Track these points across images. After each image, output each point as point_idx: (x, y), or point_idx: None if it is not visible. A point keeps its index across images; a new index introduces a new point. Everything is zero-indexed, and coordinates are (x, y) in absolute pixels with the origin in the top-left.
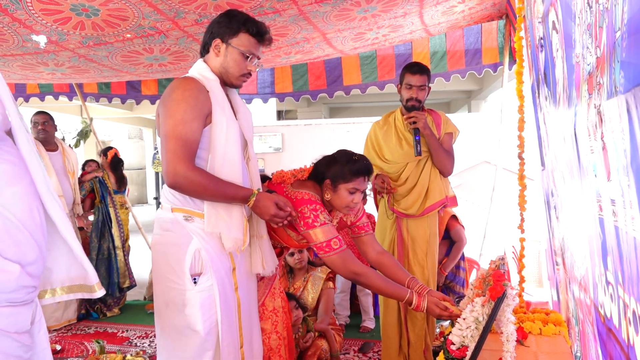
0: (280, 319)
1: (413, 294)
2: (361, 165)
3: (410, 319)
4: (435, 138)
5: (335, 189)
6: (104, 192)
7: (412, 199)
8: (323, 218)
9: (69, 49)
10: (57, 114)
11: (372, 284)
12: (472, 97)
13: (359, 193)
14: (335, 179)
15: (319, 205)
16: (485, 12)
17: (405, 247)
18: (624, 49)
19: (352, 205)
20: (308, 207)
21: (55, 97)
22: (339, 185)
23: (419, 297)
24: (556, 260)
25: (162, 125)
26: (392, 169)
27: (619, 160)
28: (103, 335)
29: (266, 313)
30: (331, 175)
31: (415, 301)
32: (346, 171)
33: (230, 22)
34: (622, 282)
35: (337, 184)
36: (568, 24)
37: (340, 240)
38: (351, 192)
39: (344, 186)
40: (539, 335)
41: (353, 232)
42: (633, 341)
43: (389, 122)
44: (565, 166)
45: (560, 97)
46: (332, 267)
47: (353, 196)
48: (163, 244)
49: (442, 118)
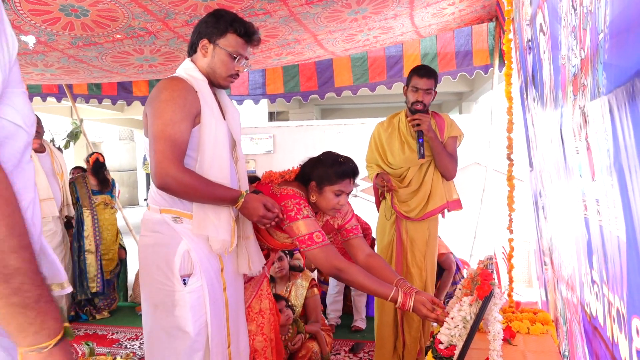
0: (266, 321)
1: (398, 291)
2: (347, 168)
3: (406, 321)
4: (438, 141)
5: (320, 191)
6: (78, 194)
7: (414, 203)
8: (306, 212)
9: (58, 50)
10: (47, 115)
11: (354, 280)
12: (463, 99)
13: (344, 195)
14: (320, 181)
15: (303, 200)
16: (475, 15)
17: (404, 249)
18: (606, 51)
19: (337, 207)
20: (292, 201)
21: (43, 98)
22: (325, 188)
23: (405, 295)
24: (544, 261)
25: (151, 126)
26: (395, 172)
27: (602, 161)
28: (93, 338)
29: (252, 315)
30: (317, 177)
31: (400, 299)
32: (332, 173)
33: (217, 22)
34: (606, 280)
35: (322, 186)
36: (554, 26)
37: (322, 235)
38: (337, 195)
39: (329, 188)
40: (526, 334)
41: (342, 236)
42: (617, 339)
43: (393, 124)
44: (552, 167)
45: (547, 98)
46: (315, 262)
47: (339, 198)
48: (151, 245)
49: (447, 121)
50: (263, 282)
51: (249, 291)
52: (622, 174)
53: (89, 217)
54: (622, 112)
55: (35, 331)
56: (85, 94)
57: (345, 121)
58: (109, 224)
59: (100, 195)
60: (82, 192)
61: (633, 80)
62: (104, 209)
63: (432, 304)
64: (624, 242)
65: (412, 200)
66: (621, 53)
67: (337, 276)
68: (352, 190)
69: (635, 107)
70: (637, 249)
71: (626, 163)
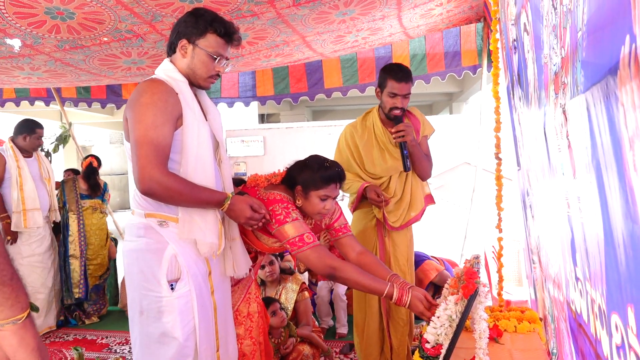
0: (255, 324)
1: (394, 287)
2: (333, 173)
3: (392, 324)
4: (418, 147)
5: (306, 195)
6: (66, 198)
7: (399, 212)
8: (294, 215)
9: (45, 53)
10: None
11: (349, 277)
12: (454, 99)
13: (330, 200)
14: (306, 186)
15: (291, 204)
16: (463, 15)
17: (387, 254)
18: (584, 49)
19: (323, 212)
20: (279, 205)
21: (31, 102)
22: (310, 192)
23: (401, 290)
24: (533, 259)
25: (132, 131)
26: (376, 182)
27: (582, 158)
28: (82, 343)
29: (239, 318)
30: (302, 181)
31: (396, 294)
32: (317, 178)
33: (196, 21)
34: (589, 277)
35: (308, 190)
36: (537, 25)
37: (313, 235)
38: (322, 199)
39: (315, 193)
40: (514, 332)
41: (331, 235)
42: (599, 335)
43: (367, 128)
44: (538, 165)
45: (532, 97)
46: (307, 264)
47: (324, 203)
48: (137, 251)
49: (420, 120)
50: (251, 286)
51: (236, 294)
52: (600, 171)
53: (74, 222)
54: (597, 110)
55: (11, 305)
56: (74, 98)
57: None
58: (97, 228)
59: (89, 200)
60: (70, 196)
61: (607, 77)
62: (92, 213)
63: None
64: (602, 239)
65: (396, 210)
66: (597, 50)
67: (332, 275)
68: (338, 194)
69: (609, 104)
70: (614, 246)
71: (603, 160)
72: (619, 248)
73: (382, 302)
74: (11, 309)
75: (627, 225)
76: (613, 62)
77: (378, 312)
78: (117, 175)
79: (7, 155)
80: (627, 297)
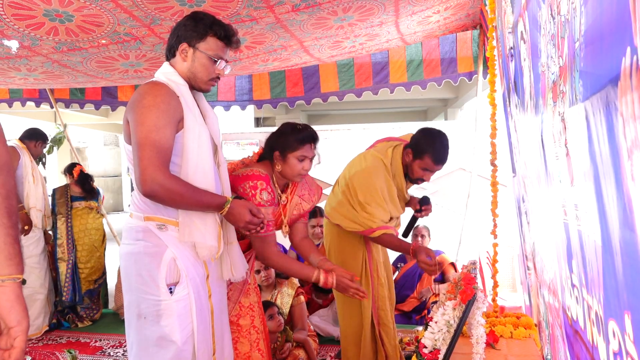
0: (257, 314)
1: (320, 271)
2: (306, 134)
3: (383, 331)
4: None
5: (284, 159)
6: (55, 202)
7: None
8: (259, 199)
9: (42, 54)
10: (29, 120)
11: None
12: (449, 105)
13: (307, 160)
14: (283, 150)
15: (263, 182)
16: (459, 22)
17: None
18: (582, 59)
19: (302, 172)
20: (249, 183)
21: (23, 103)
22: (288, 155)
23: (326, 273)
24: (528, 265)
25: (135, 133)
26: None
27: (580, 166)
28: (75, 345)
29: (243, 310)
30: (279, 146)
31: (322, 278)
32: (292, 140)
33: (196, 25)
34: (585, 284)
35: (285, 153)
36: (534, 34)
37: (268, 225)
38: (300, 160)
39: (292, 155)
40: (510, 338)
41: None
42: (596, 342)
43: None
44: (533, 172)
45: (528, 105)
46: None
47: (302, 164)
48: (134, 254)
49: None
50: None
51: (237, 289)
52: (598, 179)
53: (63, 225)
54: (597, 119)
55: (17, 263)
56: (67, 99)
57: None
58: (93, 228)
59: (84, 201)
60: (61, 201)
61: (607, 87)
62: (88, 213)
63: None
64: (600, 246)
65: None
66: (595, 61)
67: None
68: (314, 155)
69: (609, 114)
70: (612, 253)
71: (601, 169)
72: (616, 255)
73: (374, 311)
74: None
75: (625, 233)
76: (614, 73)
77: (370, 322)
78: (111, 177)
79: (23, 153)
80: (624, 304)
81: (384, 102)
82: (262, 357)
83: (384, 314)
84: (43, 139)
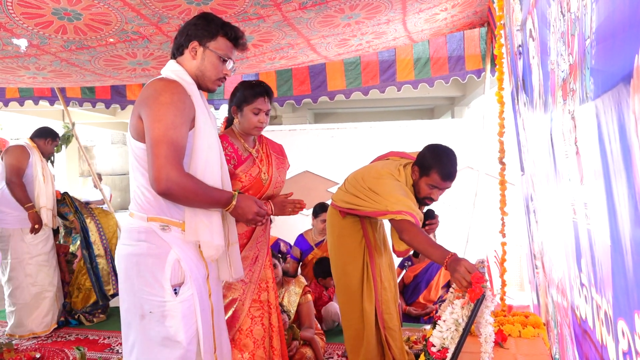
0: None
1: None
2: (260, 88)
3: (389, 335)
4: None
5: (241, 112)
6: (76, 204)
7: None
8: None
9: (51, 53)
10: (38, 118)
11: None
12: (456, 104)
13: (262, 113)
14: (239, 104)
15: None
16: (467, 20)
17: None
18: (593, 57)
19: (259, 125)
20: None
21: (35, 101)
22: (244, 108)
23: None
24: (536, 264)
25: (150, 130)
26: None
27: (590, 165)
28: (84, 342)
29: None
30: (236, 102)
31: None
32: (247, 94)
33: (208, 25)
34: (594, 283)
35: (242, 107)
36: (543, 31)
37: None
38: (255, 113)
39: (247, 108)
40: (518, 337)
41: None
42: (605, 341)
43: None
44: (542, 171)
45: (537, 103)
46: None
47: (258, 116)
48: (137, 255)
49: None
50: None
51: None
52: (608, 177)
53: (91, 223)
54: (608, 117)
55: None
56: (79, 98)
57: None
58: (104, 228)
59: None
60: (78, 202)
61: (619, 85)
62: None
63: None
64: (609, 245)
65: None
66: (607, 59)
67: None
68: (269, 109)
69: (621, 112)
70: (622, 252)
71: (612, 167)
72: (626, 254)
73: (378, 315)
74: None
75: (635, 232)
76: (626, 71)
77: (375, 326)
78: (118, 176)
79: (33, 152)
80: (634, 304)
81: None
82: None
83: (389, 317)
84: (53, 136)
